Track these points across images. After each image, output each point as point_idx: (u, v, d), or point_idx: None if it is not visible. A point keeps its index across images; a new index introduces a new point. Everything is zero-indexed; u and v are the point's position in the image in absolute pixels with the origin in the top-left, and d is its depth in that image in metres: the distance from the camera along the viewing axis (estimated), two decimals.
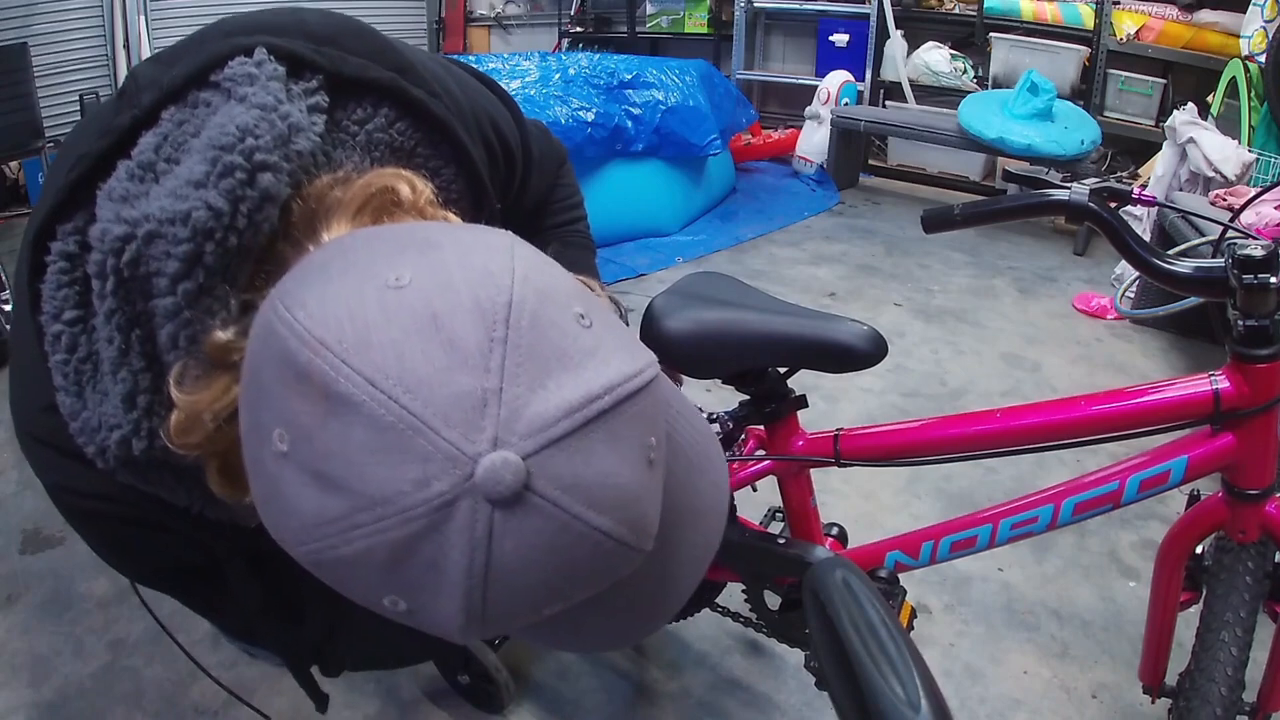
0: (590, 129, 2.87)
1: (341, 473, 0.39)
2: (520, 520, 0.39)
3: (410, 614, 0.43)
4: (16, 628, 1.35)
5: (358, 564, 0.40)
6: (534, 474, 0.39)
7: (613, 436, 0.42)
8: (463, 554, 0.39)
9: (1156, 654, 0.98)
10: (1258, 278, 0.69)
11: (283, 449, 0.40)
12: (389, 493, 0.38)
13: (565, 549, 0.41)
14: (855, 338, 0.82)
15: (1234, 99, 2.74)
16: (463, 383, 0.38)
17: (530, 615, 0.43)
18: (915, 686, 0.57)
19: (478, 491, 0.38)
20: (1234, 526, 0.83)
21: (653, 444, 0.45)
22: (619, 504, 0.42)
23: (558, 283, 0.46)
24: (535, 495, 0.39)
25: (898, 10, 3.78)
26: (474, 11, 5.10)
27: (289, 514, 0.41)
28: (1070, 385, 2.07)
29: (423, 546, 0.39)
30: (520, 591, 0.42)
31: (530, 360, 0.40)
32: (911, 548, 0.92)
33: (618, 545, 0.43)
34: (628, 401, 0.43)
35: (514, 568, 0.40)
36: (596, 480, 0.41)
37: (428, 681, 1.24)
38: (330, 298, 0.41)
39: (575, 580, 0.43)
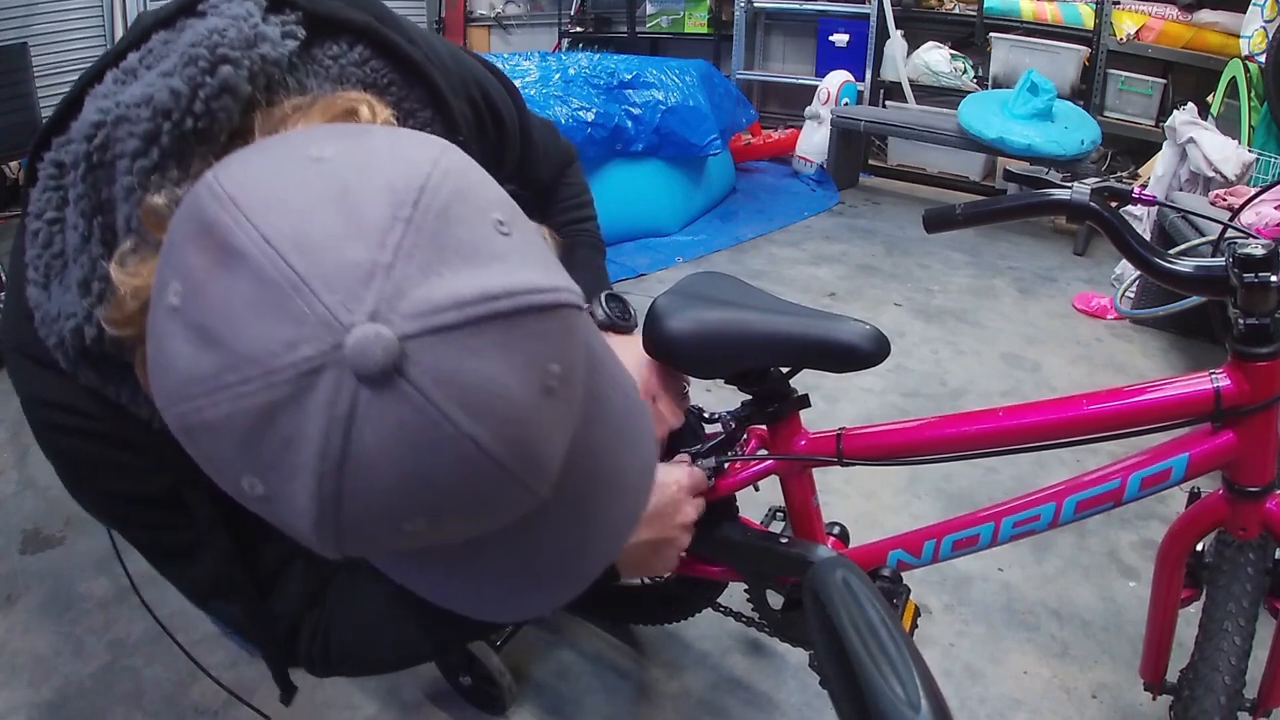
0: (590, 129, 2.87)
1: (219, 327, 0.38)
2: (386, 405, 0.38)
3: (266, 501, 0.41)
4: (16, 628, 1.35)
5: (220, 432, 0.39)
6: (409, 358, 0.38)
7: (505, 345, 0.41)
8: (320, 432, 0.38)
9: (1157, 651, 0.98)
10: (1258, 276, 0.70)
11: (175, 303, 0.39)
12: (258, 351, 0.37)
13: (430, 450, 0.39)
14: (858, 337, 0.82)
15: (1234, 99, 2.74)
16: (354, 252, 0.38)
17: (391, 527, 0.42)
18: (915, 686, 0.57)
19: (345, 363, 0.37)
20: (1234, 523, 0.83)
21: (555, 372, 0.43)
22: (500, 417, 0.41)
23: (484, 189, 0.45)
24: (406, 381, 0.38)
25: (898, 10, 3.78)
26: (474, 11, 5.10)
27: (167, 372, 0.40)
28: (1070, 385, 2.07)
29: (282, 418, 0.38)
30: (378, 492, 0.40)
31: (430, 245, 0.39)
32: (914, 546, 0.92)
33: (494, 465, 0.41)
34: (530, 315, 0.42)
35: (373, 460, 0.39)
36: (477, 383, 0.40)
37: (429, 683, 1.24)
38: (254, 164, 0.41)
39: (441, 493, 0.41)
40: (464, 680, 1.18)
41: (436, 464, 0.40)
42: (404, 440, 0.39)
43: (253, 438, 0.39)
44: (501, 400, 0.41)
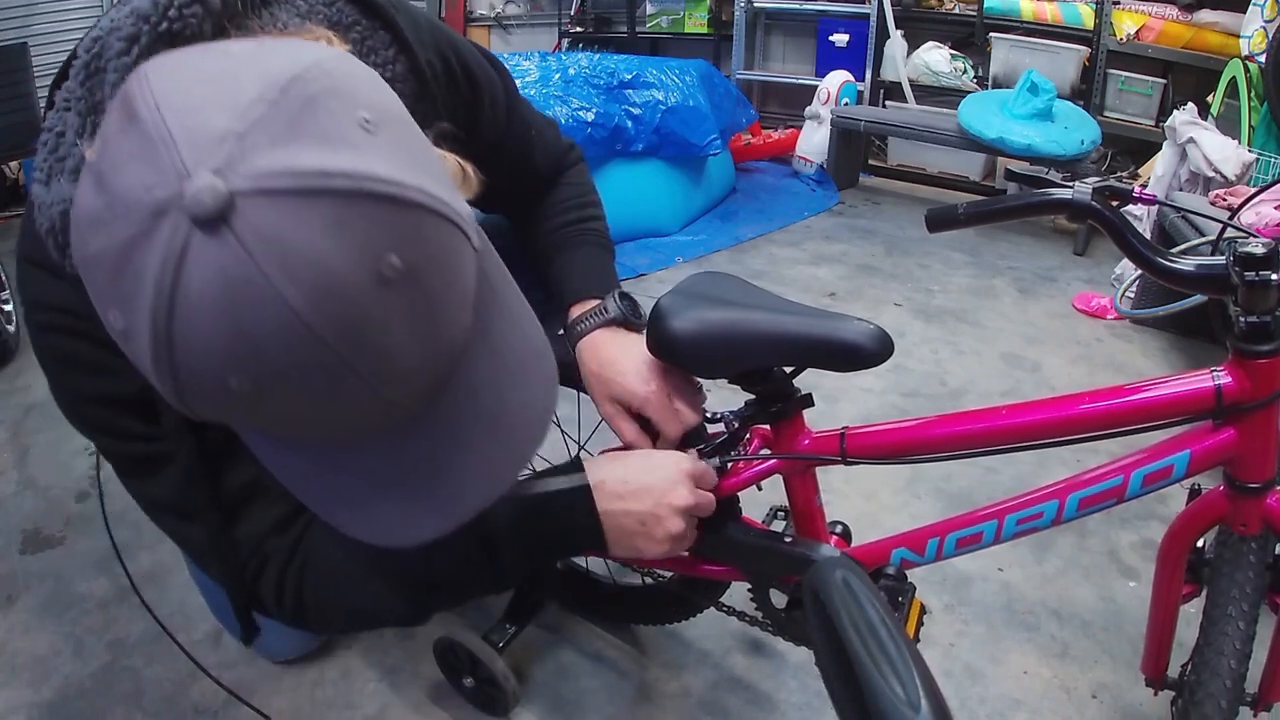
0: (590, 129, 2.87)
1: (109, 174, 0.44)
2: (211, 250, 0.42)
3: (125, 338, 0.47)
4: (16, 628, 1.35)
5: (98, 264, 0.45)
6: (237, 210, 0.42)
7: (337, 223, 0.44)
8: (158, 265, 0.43)
9: (1159, 647, 0.98)
10: (1259, 275, 0.70)
11: (91, 158, 0.47)
12: (128, 193, 0.43)
13: (247, 304, 0.43)
14: (862, 336, 0.82)
15: (1234, 99, 2.74)
16: (218, 120, 0.43)
17: (218, 380, 0.46)
18: (915, 686, 0.57)
19: (184, 206, 0.42)
20: (1235, 520, 0.83)
21: (394, 264, 0.46)
22: (319, 288, 0.44)
23: (363, 92, 0.49)
24: (230, 231, 0.42)
25: (898, 10, 3.78)
26: (474, 11, 5.10)
27: (76, 216, 0.47)
28: (1070, 385, 2.07)
29: (135, 253, 0.43)
30: (202, 336, 0.44)
31: (286, 125, 0.44)
32: (917, 545, 0.92)
33: (312, 337, 0.45)
34: (368, 200, 0.45)
35: (196, 302, 0.43)
36: (299, 249, 0.43)
37: (430, 684, 1.24)
38: (180, 56, 0.48)
39: (260, 354, 0.45)
40: (467, 682, 1.18)
41: (253, 320, 0.44)
42: (224, 288, 0.43)
43: (116, 270, 0.44)
44: (322, 272, 0.44)
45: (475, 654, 1.12)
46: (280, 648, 1.25)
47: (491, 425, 0.61)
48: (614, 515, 0.82)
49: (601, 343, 0.92)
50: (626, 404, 0.91)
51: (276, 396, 0.47)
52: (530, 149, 1.00)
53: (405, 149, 0.50)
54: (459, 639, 1.14)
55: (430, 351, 0.53)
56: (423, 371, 0.54)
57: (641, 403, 0.90)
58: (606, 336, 0.93)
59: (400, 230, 0.47)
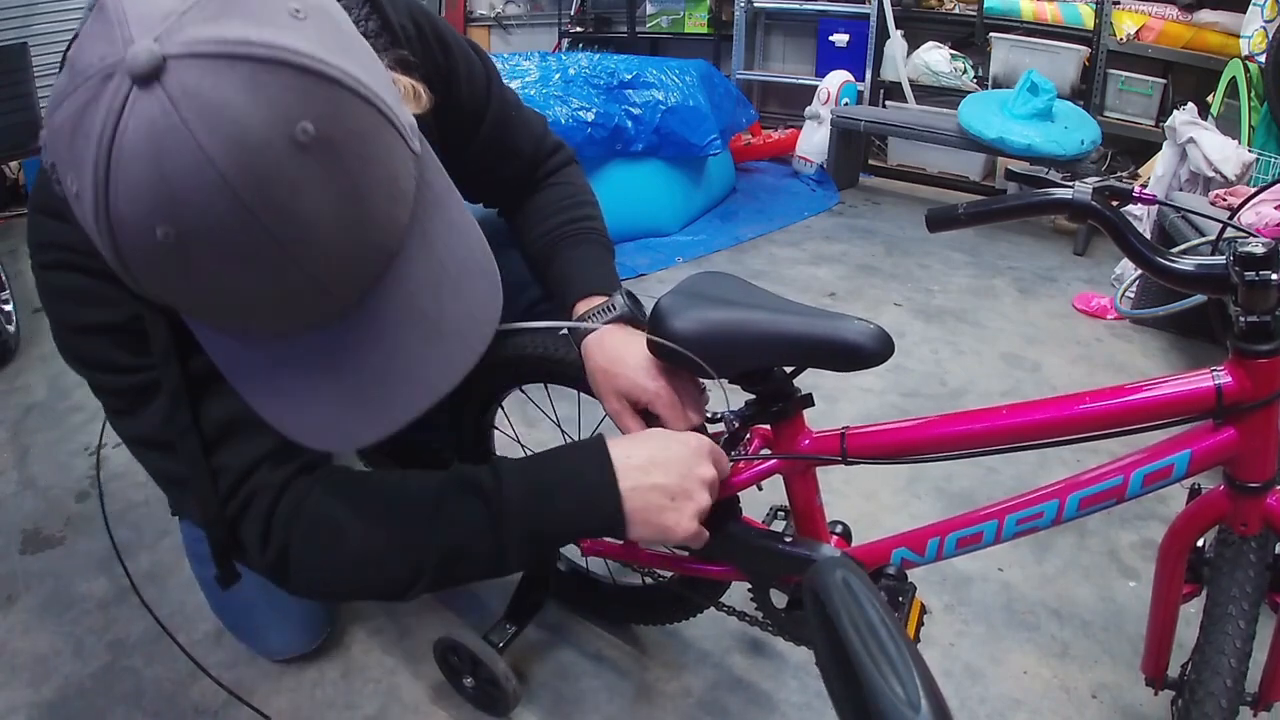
0: (590, 129, 2.87)
1: (76, 57, 0.52)
2: (145, 104, 0.49)
3: (77, 199, 0.53)
4: (16, 628, 1.35)
5: (61, 132, 0.52)
6: (168, 70, 0.49)
7: (254, 83, 0.50)
8: (102, 121, 0.49)
9: (1159, 647, 0.98)
10: (1259, 274, 0.70)
11: (71, 53, 0.53)
12: (86, 65, 0.50)
13: (170, 153, 0.49)
14: (863, 336, 0.82)
15: (1234, 99, 2.74)
16: (166, 4, 0.50)
17: (146, 229, 0.51)
18: (915, 686, 0.57)
19: (124, 67, 0.49)
20: (1236, 519, 0.83)
21: (308, 130, 0.51)
22: (232, 140, 0.49)
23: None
24: (161, 87, 0.49)
25: (898, 10, 3.78)
26: (474, 11, 5.10)
27: (48, 104, 0.54)
28: (1070, 385, 2.07)
29: (86, 115, 0.50)
30: (133, 184, 0.50)
31: (222, 6, 0.51)
32: (917, 544, 0.92)
33: (225, 186, 0.50)
34: (285, 69, 0.51)
35: (130, 152, 0.49)
36: (217, 104, 0.49)
37: (430, 684, 1.24)
38: None
39: (179, 201, 0.50)
40: (467, 682, 1.18)
41: (174, 166, 0.49)
42: (152, 137, 0.49)
43: (72, 134, 0.51)
44: (236, 126, 0.50)
45: (476, 654, 1.12)
46: (280, 647, 1.25)
47: (428, 330, 0.64)
48: (640, 491, 0.78)
49: (609, 339, 0.93)
50: (634, 400, 0.91)
51: (199, 255, 0.52)
52: (511, 127, 1.03)
53: (333, 38, 0.55)
54: (460, 639, 1.14)
55: (353, 235, 0.57)
56: (348, 255, 0.58)
57: (651, 398, 0.90)
58: (614, 333, 0.93)
59: (316, 100, 0.52)
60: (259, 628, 1.23)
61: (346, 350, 0.63)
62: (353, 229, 0.57)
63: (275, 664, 1.27)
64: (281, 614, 1.22)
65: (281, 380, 0.64)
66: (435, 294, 0.64)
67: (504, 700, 1.14)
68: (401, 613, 1.37)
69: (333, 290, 0.59)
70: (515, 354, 1.12)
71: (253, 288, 0.55)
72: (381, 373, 0.64)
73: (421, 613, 1.37)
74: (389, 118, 0.58)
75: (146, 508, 1.61)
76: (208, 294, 0.57)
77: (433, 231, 0.65)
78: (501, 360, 1.15)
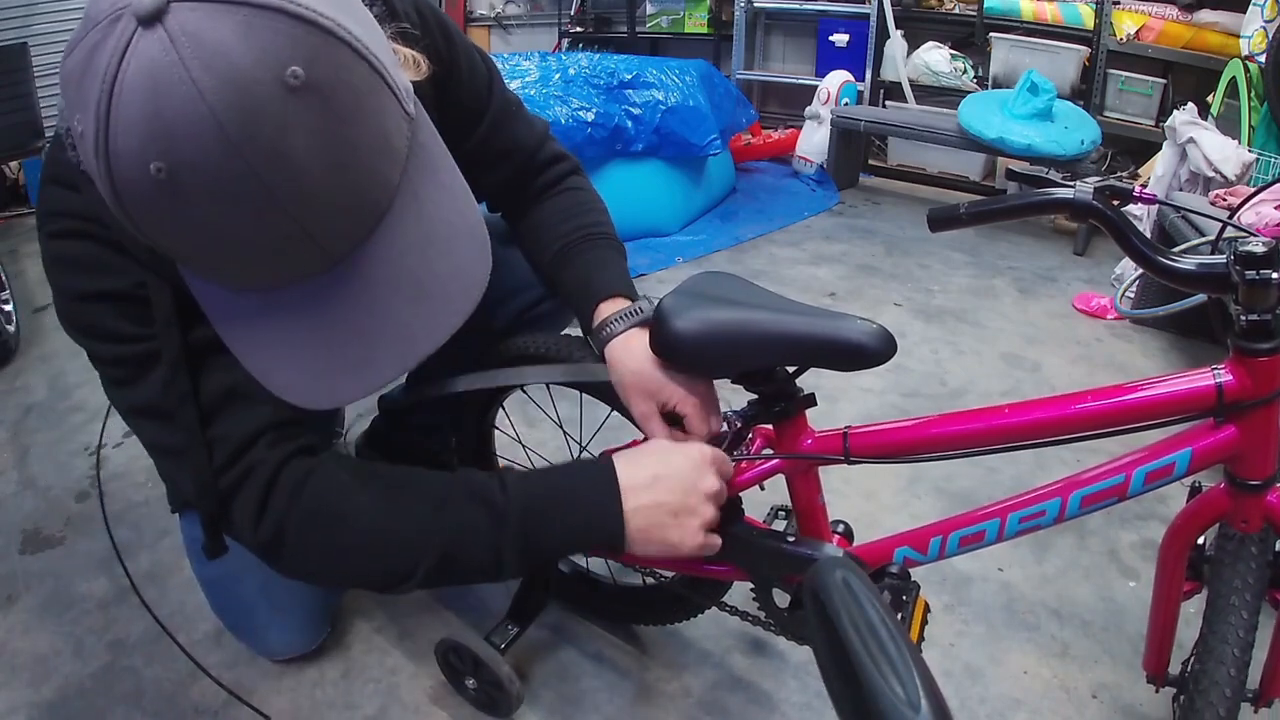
0: (590, 129, 2.87)
1: (90, 3, 0.55)
2: (147, 44, 0.51)
3: (82, 139, 0.55)
4: (16, 628, 1.35)
5: (72, 75, 0.54)
6: (171, 11, 0.51)
7: (249, 26, 0.52)
8: (108, 60, 0.52)
9: (1160, 645, 0.98)
10: (1259, 273, 0.70)
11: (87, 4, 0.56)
12: (97, 11, 0.53)
13: (167, 89, 0.51)
14: (865, 336, 0.82)
15: (1234, 99, 2.74)
16: None
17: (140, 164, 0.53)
18: (915, 686, 0.57)
19: (131, 9, 0.52)
20: (1236, 516, 0.84)
21: (298, 74, 0.53)
22: (225, 78, 0.52)
23: None
24: (163, 27, 0.51)
25: (898, 10, 3.78)
26: (474, 11, 5.10)
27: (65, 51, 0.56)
28: (1070, 385, 2.07)
29: (95, 56, 0.53)
30: (129, 119, 0.52)
31: None
32: (920, 543, 0.92)
33: (215, 122, 0.52)
34: (280, 15, 0.53)
35: (130, 87, 0.52)
36: (213, 42, 0.52)
37: (431, 684, 1.24)
38: None
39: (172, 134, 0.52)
40: (469, 683, 1.18)
41: (169, 103, 0.52)
42: (150, 74, 0.51)
43: (81, 74, 0.54)
44: (229, 65, 0.52)
45: (479, 656, 1.12)
46: (280, 647, 1.25)
47: (413, 290, 0.65)
48: (643, 511, 0.79)
49: (637, 343, 0.93)
50: (663, 402, 0.91)
51: (189, 192, 0.54)
52: (512, 127, 1.04)
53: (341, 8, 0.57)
54: (462, 641, 1.14)
55: (341, 185, 0.59)
56: (335, 204, 0.59)
57: (680, 400, 0.90)
58: (641, 336, 0.93)
59: (308, 47, 0.54)
60: (259, 628, 1.23)
61: (332, 305, 0.64)
62: (340, 178, 0.58)
63: (275, 664, 1.27)
64: (282, 614, 1.21)
65: (268, 333, 0.65)
66: (422, 254, 0.65)
67: (506, 702, 1.14)
68: (402, 613, 1.37)
69: (319, 240, 0.60)
70: (517, 354, 1.12)
71: (239, 230, 0.57)
72: (365, 330, 0.65)
73: (422, 613, 1.37)
74: (382, 75, 0.60)
75: (146, 508, 1.61)
76: (198, 235, 0.58)
77: (423, 193, 0.66)
78: (504, 360, 1.15)
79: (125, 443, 1.83)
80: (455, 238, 0.68)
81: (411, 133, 0.65)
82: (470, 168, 1.06)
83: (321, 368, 0.66)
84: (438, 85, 0.93)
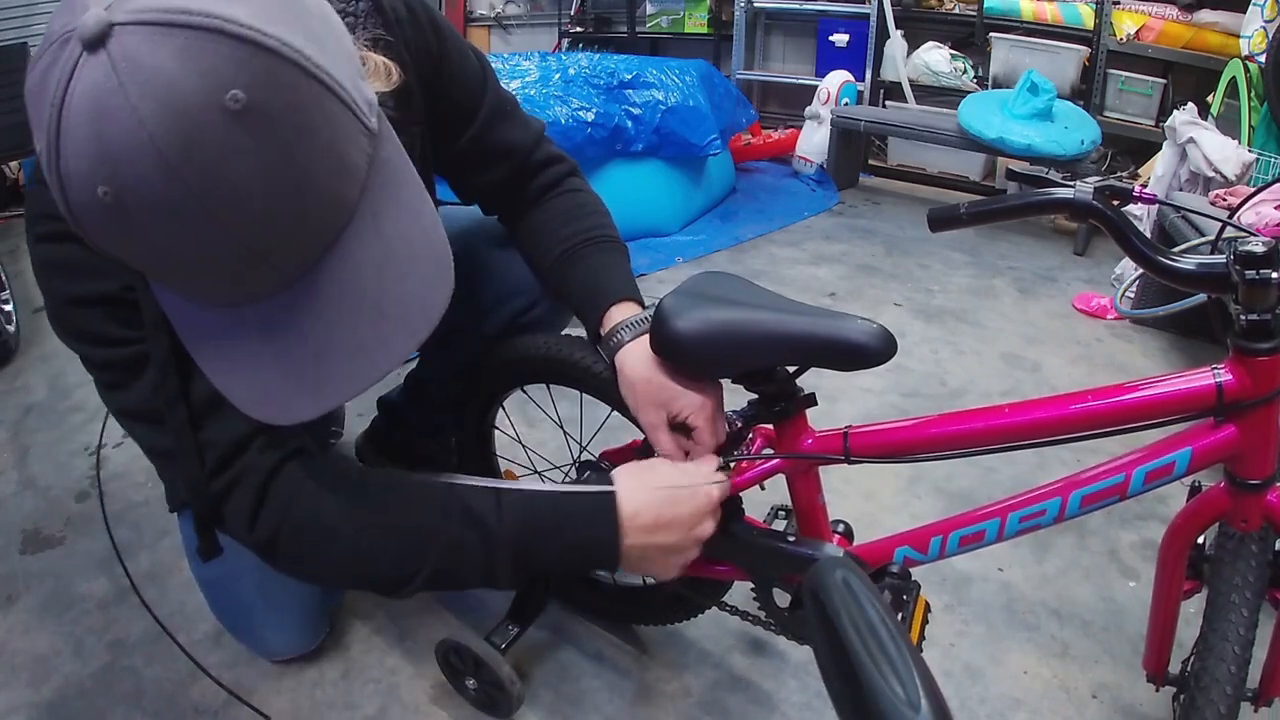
0: (590, 129, 2.87)
1: (50, 22, 0.55)
2: (90, 68, 0.52)
3: (42, 155, 0.56)
4: (16, 628, 1.35)
5: (33, 95, 0.55)
6: (113, 36, 0.52)
7: (188, 51, 0.52)
8: (56, 83, 0.53)
9: (1160, 644, 0.98)
10: (1259, 273, 0.70)
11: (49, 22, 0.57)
12: (51, 30, 0.54)
13: (108, 116, 0.52)
14: (865, 335, 0.82)
15: (1234, 99, 2.74)
16: None
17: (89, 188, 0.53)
18: (915, 686, 0.57)
19: (77, 33, 0.52)
20: (1236, 516, 0.84)
21: (239, 98, 0.53)
22: (164, 103, 0.52)
23: None
24: (106, 51, 0.51)
25: (898, 10, 3.78)
26: (474, 11, 5.10)
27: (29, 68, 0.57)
28: (1070, 385, 2.07)
29: (47, 78, 0.53)
30: (76, 142, 0.53)
31: None
32: (920, 543, 0.92)
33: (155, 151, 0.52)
34: (220, 38, 0.52)
35: (75, 112, 0.52)
36: (153, 69, 0.52)
37: (431, 684, 1.24)
38: None
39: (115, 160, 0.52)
40: (469, 684, 1.18)
41: (111, 129, 0.52)
42: (94, 99, 0.52)
43: (38, 96, 0.54)
44: (168, 90, 0.52)
45: (479, 656, 1.12)
46: (280, 647, 1.25)
47: (370, 310, 0.65)
48: (639, 548, 0.84)
49: (647, 350, 0.92)
50: (675, 412, 0.91)
51: (136, 216, 0.55)
52: (506, 126, 1.04)
53: (281, 9, 0.56)
54: (462, 641, 1.14)
55: (290, 206, 0.58)
56: (286, 226, 0.59)
57: (692, 411, 0.90)
58: (650, 344, 0.93)
59: (250, 69, 0.53)
60: (259, 628, 1.23)
61: (289, 322, 0.64)
62: (290, 201, 0.58)
63: (275, 664, 1.27)
64: (280, 615, 1.21)
65: (229, 348, 0.66)
66: (380, 274, 0.65)
67: (507, 702, 1.14)
68: (403, 613, 1.37)
69: (272, 260, 0.60)
70: (517, 354, 1.12)
71: (188, 251, 0.57)
72: (322, 348, 0.65)
73: (422, 613, 1.37)
74: (336, 92, 0.58)
75: (146, 508, 1.61)
76: (150, 255, 0.59)
77: (384, 211, 0.65)
78: (503, 361, 1.15)
79: (125, 443, 1.83)
80: (415, 259, 0.67)
81: (373, 149, 0.64)
82: (464, 167, 1.06)
83: (279, 385, 0.65)
84: (427, 83, 0.93)
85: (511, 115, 1.04)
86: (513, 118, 1.04)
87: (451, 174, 1.06)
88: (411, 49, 0.90)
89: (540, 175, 1.06)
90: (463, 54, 0.97)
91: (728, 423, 0.96)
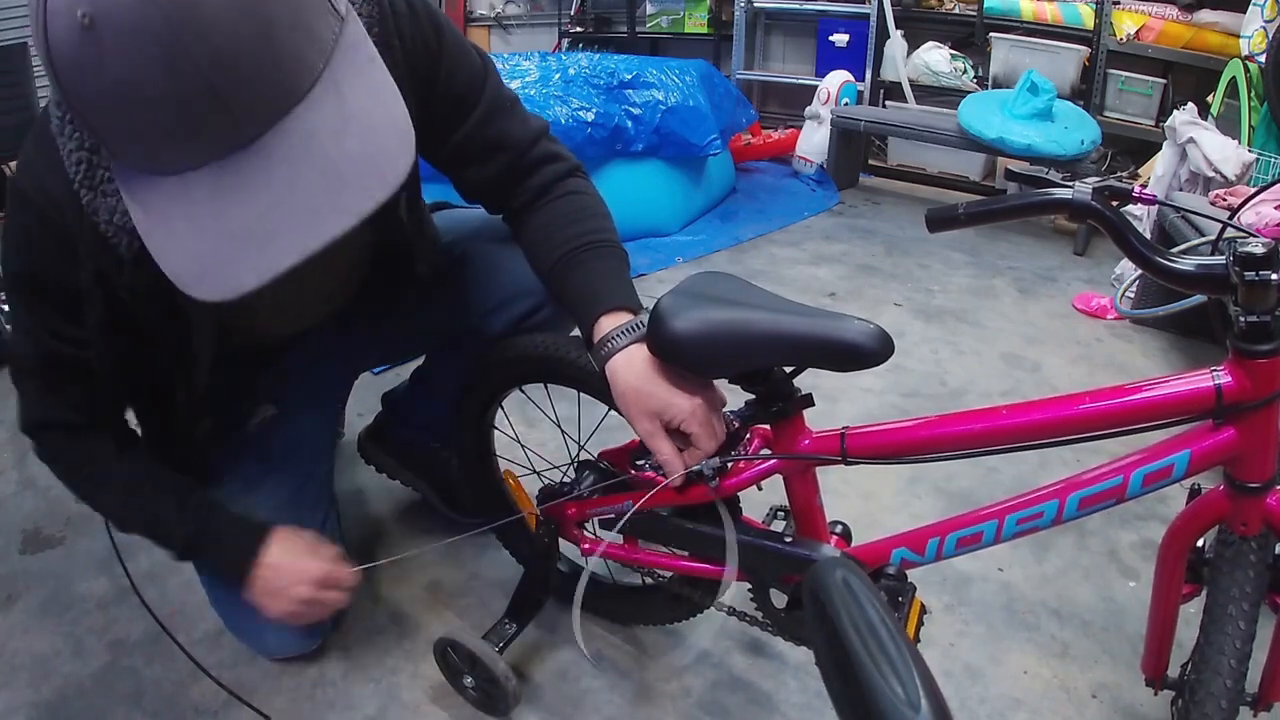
0: (590, 129, 2.87)
1: None
2: None
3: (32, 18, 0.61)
4: (16, 628, 1.35)
5: None
6: None
7: None
8: None
9: (1159, 647, 0.98)
10: (1259, 274, 0.70)
11: None
12: None
13: None
14: (863, 336, 0.82)
15: (1234, 99, 2.74)
16: None
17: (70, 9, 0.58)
18: (915, 686, 0.57)
19: None
20: (1235, 519, 0.83)
21: None
22: None
23: None
24: None
25: (898, 10, 3.78)
26: (474, 11, 5.10)
27: None
28: (1070, 385, 2.07)
29: None
30: None
31: None
32: (917, 544, 0.92)
33: None
34: None
35: None
36: None
37: (430, 684, 1.24)
38: None
39: None
40: (467, 682, 1.18)
41: None
42: None
43: None
44: None
45: (476, 654, 1.12)
46: (279, 647, 1.25)
47: (324, 168, 0.66)
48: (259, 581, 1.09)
49: (639, 357, 0.92)
50: (668, 419, 0.91)
51: (109, 41, 0.57)
52: (504, 122, 1.04)
53: None
54: (459, 639, 1.14)
55: (253, 49, 0.61)
56: (248, 70, 0.61)
57: (685, 418, 0.90)
58: (644, 351, 0.92)
59: None
60: (259, 628, 1.22)
61: (238, 184, 0.65)
62: (254, 43, 0.61)
63: (275, 664, 1.27)
64: None
65: (173, 216, 0.66)
66: (338, 140, 0.66)
67: (504, 699, 1.14)
68: (402, 613, 1.37)
69: (232, 108, 0.62)
70: (516, 354, 1.12)
71: (154, 85, 0.59)
72: (269, 208, 0.65)
73: (422, 612, 1.37)
74: None
75: None
76: (117, 95, 0.61)
77: (346, 85, 0.67)
78: (501, 360, 1.15)
79: None
80: (375, 130, 0.68)
81: (339, 30, 0.68)
82: (461, 162, 1.06)
83: (222, 251, 0.66)
84: (422, 77, 0.93)
85: (510, 111, 1.04)
86: (511, 114, 1.04)
87: (450, 169, 1.06)
88: (406, 41, 0.91)
89: (537, 173, 1.06)
90: (462, 49, 0.98)
91: (726, 423, 0.96)
